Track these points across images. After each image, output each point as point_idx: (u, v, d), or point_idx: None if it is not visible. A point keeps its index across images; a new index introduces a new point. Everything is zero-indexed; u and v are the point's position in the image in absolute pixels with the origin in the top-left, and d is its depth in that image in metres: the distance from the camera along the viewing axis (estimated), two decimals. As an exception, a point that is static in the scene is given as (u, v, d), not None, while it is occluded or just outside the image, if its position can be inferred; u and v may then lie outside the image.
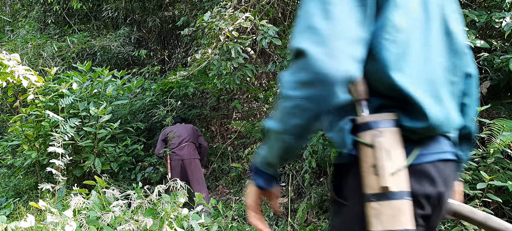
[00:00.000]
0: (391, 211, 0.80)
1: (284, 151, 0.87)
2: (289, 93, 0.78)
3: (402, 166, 0.83)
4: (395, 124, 0.85)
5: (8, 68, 4.19)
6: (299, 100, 0.77)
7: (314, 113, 0.78)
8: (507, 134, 2.70)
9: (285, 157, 0.90)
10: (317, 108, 0.77)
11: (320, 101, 0.76)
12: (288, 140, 0.83)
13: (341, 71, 0.74)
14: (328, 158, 3.88)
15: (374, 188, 0.82)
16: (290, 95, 0.78)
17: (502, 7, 3.35)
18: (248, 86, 5.74)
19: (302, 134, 0.83)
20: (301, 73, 0.76)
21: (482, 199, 2.62)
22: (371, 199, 0.82)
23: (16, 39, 7.79)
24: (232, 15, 4.20)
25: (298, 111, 0.78)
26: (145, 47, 8.12)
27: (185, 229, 3.09)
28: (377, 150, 0.82)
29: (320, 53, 0.74)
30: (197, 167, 4.72)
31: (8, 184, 5.22)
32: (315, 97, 0.76)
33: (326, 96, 0.75)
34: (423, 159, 0.88)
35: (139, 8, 7.92)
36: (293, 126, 0.81)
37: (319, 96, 0.75)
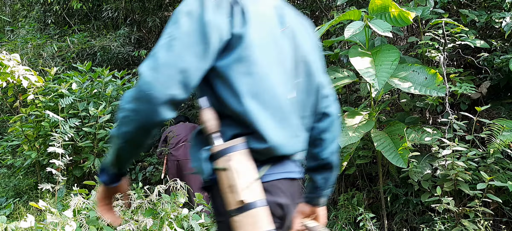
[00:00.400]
0: (251, 219, 0.94)
1: (119, 153, 1.02)
2: (122, 105, 0.96)
3: (254, 179, 0.98)
4: (245, 147, 1.00)
5: (8, 69, 4.19)
6: (128, 112, 0.94)
7: (140, 124, 0.95)
8: (507, 134, 2.70)
9: (123, 159, 1.05)
10: (142, 120, 0.94)
11: (144, 115, 0.93)
12: (121, 144, 0.99)
13: (164, 94, 0.91)
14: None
15: (233, 204, 0.96)
16: (123, 107, 0.96)
17: (502, 7, 3.35)
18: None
19: (132, 141, 0.99)
20: (134, 91, 0.94)
21: (482, 199, 2.62)
22: (232, 214, 0.96)
23: (16, 39, 7.78)
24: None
25: (127, 121, 0.95)
26: (145, 47, 8.12)
27: (185, 229, 3.09)
28: (229, 172, 0.97)
29: (151, 76, 0.92)
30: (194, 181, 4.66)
31: (8, 184, 5.22)
32: (140, 111, 0.93)
33: (149, 111, 0.92)
34: (273, 177, 1.05)
35: (139, 8, 7.92)
36: (124, 132, 0.97)
37: (143, 111, 0.93)
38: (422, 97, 3.31)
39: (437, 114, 3.46)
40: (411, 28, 4.03)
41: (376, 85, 2.54)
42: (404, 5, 3.36)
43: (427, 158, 3.01)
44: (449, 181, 2.72)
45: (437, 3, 3.38)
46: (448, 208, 2.62)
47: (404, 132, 2.79)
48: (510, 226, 2.90)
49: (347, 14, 2.94)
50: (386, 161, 3.12)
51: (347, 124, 2.93)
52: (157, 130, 1.03)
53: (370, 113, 3.05)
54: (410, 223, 3.30)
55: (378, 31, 2.64)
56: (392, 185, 3.40)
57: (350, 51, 2.90)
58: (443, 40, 3.05)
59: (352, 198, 3.61)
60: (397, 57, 2.69)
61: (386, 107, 3.72)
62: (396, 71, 2.87)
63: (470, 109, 3.18)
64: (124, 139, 0.99)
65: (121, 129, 0.97)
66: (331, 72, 3.28)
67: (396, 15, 2.79)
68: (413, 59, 3.31)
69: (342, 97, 4.31)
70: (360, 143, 3.28)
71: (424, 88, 2.75)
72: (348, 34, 2.71)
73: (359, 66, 2.68)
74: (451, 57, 3.64)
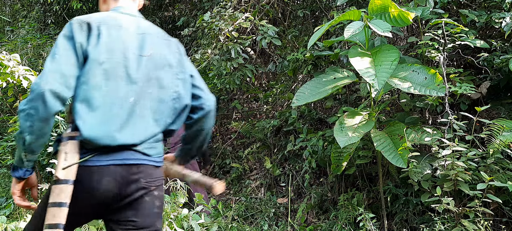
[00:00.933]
0: (58, 191, 1.34)
1: (28, 146, 1.35)
2: (21, 108, 1.31)
3: (73, 164, 1.35)
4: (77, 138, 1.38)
5: (8, 69, 4.18)
6: (27, 110, 1.31)
7: (38, 116, 1.31)
8: (507, 134, 2.70)
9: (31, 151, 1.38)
10: (39, 114, 1.30)
11: (38, 109, 1.30)
12: (28, 137, 1.33)
13: (49, 89, 1.30)
14: (328, 158, 3.88)
15: (55, 176, 1.36)
16: (22, 109, 1.31)
17: (502, 7, 3.35)
18: (248, 86, 5.74)
19: (36, 132, 1.33)
20: (29, 95, 1.32)
21: (482, 199, 2.62)
22: (52, 182, 1.37)
23: (16, 39, 7.78)
24: (232, 15, 4.20)
25: (28, 117, 1.31)
26: (145, 47, 8.12)
27: (185, 229, 3.09)
28: (59, 153, 1.39)
29: (39, 79, 1.32)
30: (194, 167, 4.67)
31: (8, 184, 5.22)
32: (35, 106, 1.30)
33: (41, 106, 1.30)
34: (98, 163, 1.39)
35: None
36: (28, 127, 1.32)
37: (37, 106, 1.30)
38: (422, 97, 3.30)
39: (437, 114, 3.46)
40: (411, 28, 4.03)
41: (376, 86, 2.54)
42: (404, 5, 3.36)
43: (427, 158, 3.01)
44: (449, 181, 2.72)
45: (437, 3, 3.38)
46: (448, 208, 2.62)
47: (404, 132, 2.79)
48: (510, 226, 2.90)
49: (347, 14, 2.94)
50: (386, 161, 3.12)
51: (347, 124, 2.93)
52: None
53: (370, 114, 3.05)
54: (410, 223, 3.29)
55: (378, 31, 2.64)
56: (392, 185, 3.40)
57: (350, 51, 2.90)
58: (443, 40, 3.05)
59: (352, 198, 3.61)
60: (397, 57, 2.69)
61: (386, 108, 3.72)
62: (396, 71, 2.87)
63: (470, 110, 3.18)
64: (29, 132, 1.32)
65: (24, 125, 1.31)
66: (331, 72, 3.28)
67: (396, 15, 2.79)
68: (413, 59, 3.31)
69: (342, 97, 4.31)
70: (360, 143, 3.28)
71: (424, 88, 2.75)
72: (348, 34, 2.71)
73: (359, 66, 2.68)
74: (451, 58, 3.63)
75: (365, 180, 3.70)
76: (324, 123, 4.74)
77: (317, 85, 3.16)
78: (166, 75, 1.55)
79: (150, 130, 1.50)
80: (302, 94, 3.17)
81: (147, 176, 1.49)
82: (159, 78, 1.53)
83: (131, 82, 1.46)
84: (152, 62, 1.53)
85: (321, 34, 2.97)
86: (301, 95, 3.17)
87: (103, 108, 1.40)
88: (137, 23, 1.58)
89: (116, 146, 1.40)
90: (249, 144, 5.43)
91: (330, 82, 3.12)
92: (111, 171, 1.39)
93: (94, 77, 1.40)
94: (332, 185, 4.04)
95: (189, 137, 1.71)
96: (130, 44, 1.50)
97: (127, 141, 1.43)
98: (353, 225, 3.45)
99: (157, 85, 1.52)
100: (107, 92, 1.41)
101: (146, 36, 1.55)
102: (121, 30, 1.50)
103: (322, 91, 3.08)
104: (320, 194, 4.07)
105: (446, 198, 2.65)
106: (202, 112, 1.63)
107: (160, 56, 1.56)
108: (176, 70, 1.59)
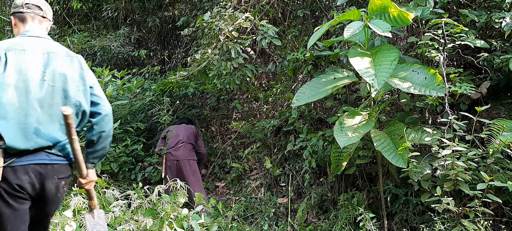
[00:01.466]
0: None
1: None
2: None
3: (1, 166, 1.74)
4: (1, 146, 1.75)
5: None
6: None
7: None
8: (507, 134, 2.70)
9: None
10: None
11: None
12: None
13: None
14: (328, 158, 3.88)
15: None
16: None
17: (502, 7, 3.35)
18: (248, 86, 5.74)
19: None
20: None
21: (482, 199, 2.62)
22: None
23: (16, 39, 7.77)
24: (232, 15, 4.20)
25: None
26: (145, 47, 8.12)
27: (185, 229, 3.09)
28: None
29: None
30: (193, 168, 4.67)
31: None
32: None
33: None
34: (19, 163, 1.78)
35: (139, 8, 7.91)
36: None
37: None
38: (422, 97, 3.30)
39: (437, 114, 3.46)
40: (411, 28, 4.03)
41: (376, 86, 2.54)
42: (404, 5, 3.36)
43: (427, 158, 3.01)
44: (449, 181, 2.72)
45: (437, 3, 3.38)
46: (448, 208, 2.62)
47: (404, 132, 2.79)
48: (510, 226, 2.90)
49: (347, 14, 2.94)
50: (386, 161, 3.12)
51: (347, 124, 2.93)
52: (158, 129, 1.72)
53: (370, 114, 3.05)
54: (410, 223, 3.29)
55: (378, 31, 2.64)
56: (392, 185, 3.40)
57: (350, 51, 2.90)
58: (443, 40, 3.05)
59: (352, 198, 3.61)
60: (397, 57, 2.69)
61: (386, 107, 3.72)
62: (396, 71, 2.87)
63: (470, 110, 3.18)
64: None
65: None
66: (331, 72, 3.28)
67: (396, 15, 2.79)
68: (413, 59, 3.31)
69: (342, 97, 4.31)
70: (360, 143, 3.28)
71: (424, 88, 2.75)
72: (347, 34, 2.71)
73: (359, 67, 2.68)
74: (451, 57, 3.63)
75: (365, 180, 3.70)
76: (324, 123, 4.74)
77: (317, 85, 3.16)
78: (69, 87, 1.91)
79: (58, 134, 1.90)
80: (302, 94, 3.17)
81: (59, 173, 1.93)
82: (64, 90, 1.90)
83: (40, 95, 1.83)
84: (57, 77, 1.89)
85: (321, 34, 2.97)
86: (301, 95, 3.17)
87: (18, 120, 1.78)
88: (42, 44, 1.93)
89: (33, 149, 1.81)
90: (249, 144, 5.43)
91: (330, 82, 3.12)
92: (30, 169, 1.80)
93: (7, 96, 1.76)
94: (332, 185, 4.04)
95: (91, 140, 2.02)
96: (36, 64, 1.86)
97: (42, 145, 1.83)
98: (353, 225, 3.45)
99: (62, 96, 1.89)
100: (20, 107, 1.78)
101: (51, 55, 1.92)
102: (26, 53, 1.86)
103: (322, 91, 3.08)
104: (320, 194, 4.07)
105: (446, 198, 2.65)
106: (99, 117, 2.00)
107: (64, 71, 1.92)
108: (77, 83, 1.95)
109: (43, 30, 2.04)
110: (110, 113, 2.05)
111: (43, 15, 2.04)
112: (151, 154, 5.23)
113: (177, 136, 4.70)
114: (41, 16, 2.03)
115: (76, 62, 2.00)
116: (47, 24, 2.08)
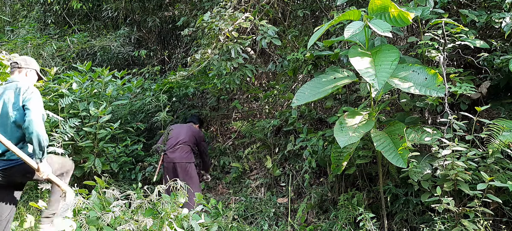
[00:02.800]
0: None
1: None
2: None
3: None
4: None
5: (8, 69, 4.18)
6: None
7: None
8: (507, 134, 2.70)
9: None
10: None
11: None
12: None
13: None
14: (328, 158, 3.88)
15: None
16: None
17: (502, 8, 3.35)
18: (248, 86, 5.74)
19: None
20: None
21: (482, 199, 2.62)
22: None
23: (16, 39, 7.78)
24: (232, 15, 4.20)
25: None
26: (145, 47, 8.12)
27: (185, 229, 3.09)
28: None
29: None
30: (189, 172, 4.61)
31: (8, 184, 5.21)
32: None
33: None
34: None
35: (139, 8, 7.91)
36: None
37: None
38: (422, 97, 3.31)
39: (437, 114, 3.46)
40: (411, 28, 4.03)
41: (376, 86, 2.54)
42: (404, 5, 3.36)
43: (427, 158, 3.01)
44: (449, 181, 2.72)
45: (437, 3, 3.38)
46: (448, 208, 2.62)
47: (404, 132, 2.79)
48: (510, 226, 2.90)
49: (347, 14, 2.94)
50: (386, 161, 3.12)
51: (347, 124, 2.93)
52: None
53: (370, 113, 3.05)
54: (410, 223, 3.30)
55: (378, 31, 2.64)
56: (392, 185, 3.40)
57: (350, 51, 2.90)
58: (443, 40, 3.05)
59: (352, 198, 3.61)
60: (397, 57, 2.69)
61: (386, 107, 3.72)
62: (396, 71, 2.87)
63: (470, 110, 3.18)
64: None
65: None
66: (331, 72, 3.28)
67: (396, 15, 2.79)
68: (413, 59, 3.31)
69: (342, 97, 4.31)
70: (360, 143, 3.28)
71: (424, 88, 2.75)
72: (348, 34, 2.71)
73: (359, 67, 2.68)
74: (451, 57, 3.63)
75: (365, 180, 3.70)
76: (324, 122, 4.74)
77: (317, 85, 3.16)
78: (10, 108, 2.76)
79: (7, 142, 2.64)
80: (302, 94, 3.16)
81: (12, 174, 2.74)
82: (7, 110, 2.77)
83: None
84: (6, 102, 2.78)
85: (321, 34, 2.97)
86: (301, 95, 3.17)
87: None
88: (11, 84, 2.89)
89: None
90: (249, 143, 5.43)
91: (330, 82, 3.12)
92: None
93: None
94: (332, 185, 4.04)
95: (28, 142, 2.72)
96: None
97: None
98: (353, 225, 3.45)
99: (7, 115, 2.75)
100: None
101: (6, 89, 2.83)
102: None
103: (322, 91, 3.08)
104: (320, 194, 4.07)
105: (446, 198, 2.65)
106: (25, 124, 2.66)
107: (9, 98, 2.79)
108: (15, 105, 2.77)
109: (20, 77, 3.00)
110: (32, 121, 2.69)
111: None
112: (151, 154, 5.23)
113: (177, 136, 4.67)
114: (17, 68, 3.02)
115: (16, 89, 2.83)
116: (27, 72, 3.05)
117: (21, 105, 2.73)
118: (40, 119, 2.70)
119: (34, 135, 2.62)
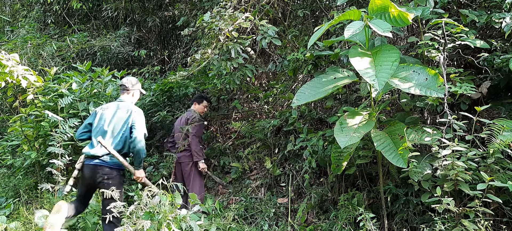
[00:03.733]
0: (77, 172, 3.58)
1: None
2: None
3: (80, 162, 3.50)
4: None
5: (7, 68, 4.18)
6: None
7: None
8: (507, 134, 2.70)
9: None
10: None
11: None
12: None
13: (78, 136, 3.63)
14: (328, 158, 3.88)
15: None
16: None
17: (502, 8, 3.34)
18: (248, 86, 5.73)
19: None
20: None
21: (482, 199, 2.61)
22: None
23: (15, 39, 7.77)
24: (232, 15, 4.19)
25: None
26: (145, 47, 8.12)
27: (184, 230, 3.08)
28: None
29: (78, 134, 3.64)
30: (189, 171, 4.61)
31: (8, 184, 5.22)
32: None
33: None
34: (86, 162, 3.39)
35: (139, 8, 7.91)
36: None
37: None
38: (422, 97, 3.30)
39: (437, 114, 3.46)
40: (411, 28, 4.03)
41: (376, 86, 2.53)
42: (404, 5, 3.36)
43: (427, 158, 3.00)
44: (449, 181, 2.72)
45: (437, 3, 3.38)
46: (448, 208, 2.62)
47: (404, 132, 2.78)
48: (511, 226, 2.90)
49: (347, 14, 2.93)
50: (386, 161, 3.12)
51: (347, 124, 2.92)
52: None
53: (370, 114, 3.05)
54: (410, 223, 3.29)
55: (378, 31, 2.63)
56: (392, 185, 3.39)
57: (350, 51, 2.90)
58: (443, 40, 3.04)
59: (352, 198, 3.61)
60: (397, 58, 2.69)
61: (386, 108, 3.72)
62: (396, 72, 2.86)
63: (470, 109, 3.17)
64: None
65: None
66: (331, 72, 3.27)
67: (396, 15, 2.79)
68: (413, 59, 3.31)
69: (342, 97, 4.31)
70: (360, 143, 3.28)
71: (425, 88, 2.74)
72: (348, 34, 2.70)
73: (359, 67, 2.67)
74: (451, 57, 3.63)
75: (365, 180, 3.70)
76: (324, 122, 4.73)
77: (317, 85, 3.16)
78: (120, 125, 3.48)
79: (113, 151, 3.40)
80: (302, 94, 3.16)
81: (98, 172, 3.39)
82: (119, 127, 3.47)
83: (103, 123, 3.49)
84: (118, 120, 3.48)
85: (321, 34, 2.96)
86: (301, 95, 3.16)
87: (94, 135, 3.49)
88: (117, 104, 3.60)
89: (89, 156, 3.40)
90: (249, 143, 5.42)
91: (330, 82, 3.12)
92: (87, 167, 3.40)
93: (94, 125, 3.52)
94: (332, 185, 4.04)
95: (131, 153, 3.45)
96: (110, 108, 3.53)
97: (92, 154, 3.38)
98: (353, 225, 3.45)
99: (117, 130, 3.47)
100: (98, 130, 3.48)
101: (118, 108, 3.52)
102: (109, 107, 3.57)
103: (322, 91, 3.07)
104: (320, 194, 4.06)
105: (446, 198, 2.64)
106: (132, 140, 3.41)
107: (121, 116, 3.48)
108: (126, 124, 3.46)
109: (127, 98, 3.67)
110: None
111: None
112: (151, 154, 5.22)
113: (176, 130, 4.72)
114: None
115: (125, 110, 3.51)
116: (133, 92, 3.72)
117: (130, 126, 3.40)
118: (142, 137, 3.38)
119: (136, 149, 3.32)
